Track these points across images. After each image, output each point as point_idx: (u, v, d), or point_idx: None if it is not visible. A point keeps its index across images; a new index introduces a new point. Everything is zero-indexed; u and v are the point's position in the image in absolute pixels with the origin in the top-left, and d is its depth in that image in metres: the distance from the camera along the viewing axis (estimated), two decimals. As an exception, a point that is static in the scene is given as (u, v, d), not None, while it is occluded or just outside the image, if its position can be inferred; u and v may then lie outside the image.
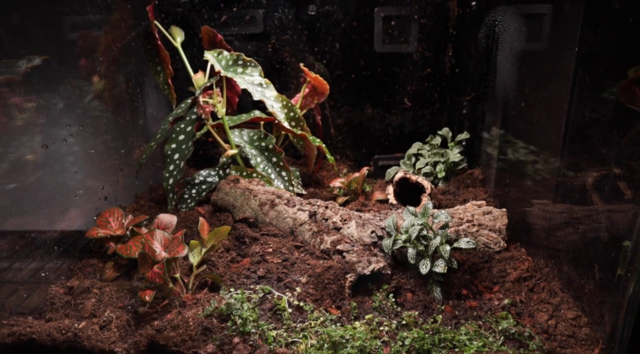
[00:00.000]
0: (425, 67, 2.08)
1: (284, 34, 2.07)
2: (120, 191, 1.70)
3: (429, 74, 2.09)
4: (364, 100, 2.16)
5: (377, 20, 2.03)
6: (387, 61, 2.09)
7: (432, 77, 2.09)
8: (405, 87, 2.12)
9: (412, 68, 2.09)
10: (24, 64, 1.53)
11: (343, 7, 2.04)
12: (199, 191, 1.72)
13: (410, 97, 2.14)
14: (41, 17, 1.52)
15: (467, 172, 1.88)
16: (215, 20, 2.03)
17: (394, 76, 2.12)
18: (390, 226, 1.38)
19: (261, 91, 1.57)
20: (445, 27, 1.99)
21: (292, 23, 2.07)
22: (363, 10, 2.02)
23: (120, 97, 1.85)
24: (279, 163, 1.66)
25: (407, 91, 2.13)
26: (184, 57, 1.78)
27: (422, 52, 2.05)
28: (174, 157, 1.65)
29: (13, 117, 1.50)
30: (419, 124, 2.19)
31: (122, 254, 1.27)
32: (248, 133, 1.74)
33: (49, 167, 1.54)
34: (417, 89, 2.12)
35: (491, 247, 1.44)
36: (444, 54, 2.04)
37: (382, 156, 2.20)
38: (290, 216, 1.44)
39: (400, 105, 2.16)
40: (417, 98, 2.13)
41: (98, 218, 1.41)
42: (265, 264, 1.30)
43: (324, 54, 2.10)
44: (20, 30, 1.43)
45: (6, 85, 1.47)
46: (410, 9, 2.01)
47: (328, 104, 2.13)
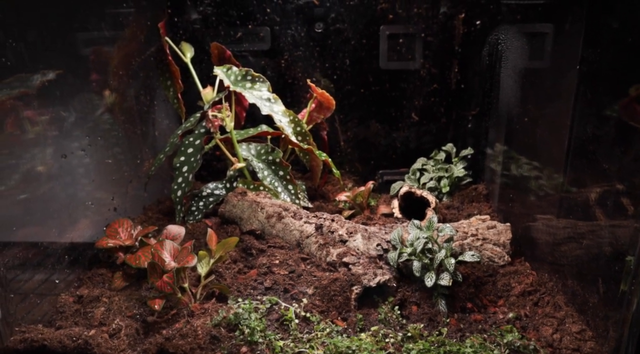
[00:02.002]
0: (430, 84, 2.12)
1: (292, 51, 2.12)
2: (129, 203, 1.73)
3: (433, 90, 2.12)
4: (369, 116, 2.19)
5: (382, 38, 2.07)
6: (392, 78, 2.12)
7: (437, 94, 2.12)
8: (410, 103, 2.15)
9: (416, 85, 2.13)
10: (39, 78, 1.57)
11: (349, 25, 2.09)
12: (206, 203, 1.74)
13: (415, 113, 2.17)
14: (55, 32, 1.56)
15: (471, 187, 1.90)
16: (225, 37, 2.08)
17: (399, 93, 2.15)
18: (396, 239, 1.39)
19: (269, 106, 1.61)
20: (449, 45, 2.03)
21: (300, 40, 2.11)
22: (369, 28, 2.07)
23: (131, 111, 1.88)
24: (286, 176, 1.69)
25: (411, 107, 2.16)
26: (193, 72, 1.82)
27: (427, 69, 2.09)
28: (183, 170, 1.68)
29: (26, 130, 1.53)
30: (423, 140, 2.22)
31: (131, 264, 1.29)
32: (255, 147, 1.77)
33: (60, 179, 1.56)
34: (421, 105, 2.15)
35: (495, 262, 1.45)
36: (448, 71, 2.08)
37: (387, 170, 2.23)
38: (297, 229, 1.46)
39: (405, 121, 2.19)
40: (422, 114, 2.16)
41: (107, 229, 1.44)
42: (272, 276, 1.32)
43: (330, 71, 2.14)
44: (35, 45, 1.46)
45: (20, 99, 1.49)
46: (415, 27, 2.06)
47: (338, 118, 2.16)
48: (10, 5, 1.32)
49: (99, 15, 1.73)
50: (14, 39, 1.39)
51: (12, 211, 1.34)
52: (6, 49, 1.40)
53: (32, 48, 1.43)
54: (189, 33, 2.09)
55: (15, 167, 1.42)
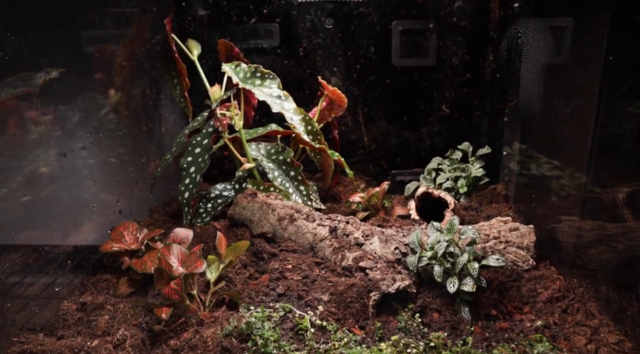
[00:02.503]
0: (444, 81, 2.05)
1: (301, 48, 2.06)
2: (134, 205, 1.66)
3: (447, 87, 2.05)
4: (381, 114, 2.13)
5: (395, 33, 2.00)
6: (405, 75, 2.06)
7: (451, 91, 2.06)
8: (423, 101, 2.09)
9: (430, 82, 2.06)
10: (42, 76, 1.52)
11: (360, 21, 2.02)
12: (215, 205, 1.68)
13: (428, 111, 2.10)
14: (58, 30, 1.51)
15: (490, 187, 1.83)
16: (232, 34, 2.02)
17: (412, 90, 2.08)
18: (415, 242, 1.32)
19: (280, 103, 1.54)
20: (464, 40, 1.96)
21: (309, 37, 2.05)
22: (381, 23, 2.00)
23: (136, 110, 1.83)
24: (297, 177, 1.62)
25: (425, 105, 2.09)
26: (200, 70, 1.76)
27: (441, 66, 2.02)
28: (190, 171, 1.62)
29: (29, 130, 1.48)
30: (436, 139, 2.15)
31: (137, 269, 1.22)
32: (265, 146, 1.71)
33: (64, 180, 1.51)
34: (435, 103, 2.09)
35: (519, 266, 1.38)
36: (463, 68, 2.01)
37: (400, 171, 2.16)
38: (310, 232, 1.39)
39: (417, 119, 2.12)
40: (436, 112, 2.09)
41: (112, 232, 1.38)
42: (284, 281, 1.25)
43: (340, 68, 2.07)
44: (38, 43, 1.42)
45: (23, 99, 1.45)
46: (429, 23, 1.99)
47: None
48: (11, 2, 1.27)
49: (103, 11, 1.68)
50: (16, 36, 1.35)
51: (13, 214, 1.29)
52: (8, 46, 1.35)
53: (34, 45, 1.38)
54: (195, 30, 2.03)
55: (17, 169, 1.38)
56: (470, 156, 1.93)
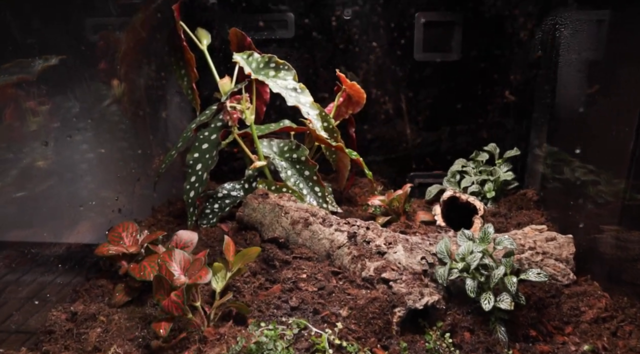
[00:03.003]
0: (469, 78, 1.91)
1: (317, 40, 1.93)
2: (136, 203, 1.54)
3: (472, 84, 1.92)
4: (400, 112, 2.00)
5: (417, 26, 1.87)
6: (427, 70, 1.93)
7: (476, 88, 1.92)
8: (444, 98, 1.95)
9: (454, 78, 1.92)
10: (40, 63, 1.41)
11: (381, 12, 1.90)
12: (222, 205, 1.55)
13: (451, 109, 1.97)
14: (59, 14, 1.41)
15: (519, 192, 1.69)
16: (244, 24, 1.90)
17: (434, 87, 1.95)
18: (443, 252, 1.19)
19: (295, 96, 1.41)
20: (493, 33, 1.82)
21: (326, 28, 1.92)
22: (403, 15, 1.87)
23: (140, 102, 1.71)
24: (312, 177, 1.49)
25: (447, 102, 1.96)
26: (209, 60, 1.64)
27: (466, 61, 1.88)
28: (196, 168, 1.49)
29: (25, 120, 1.38)
30: (458, 140, 2.02)
31: (135, 275, 1.10)
32: (278, 144, 1.58)
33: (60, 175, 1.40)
34: (458, 101, 1.95)
35: (559, 280, 1.24)
36: (491, 64, 1.87)
37: (419, 173, 2.03)
38: (327, 237, 1.26)
39: (438, 118, 1.99)
40: (458, 111, 1.96)
41: (110, 233, 1.25)
42: (298, 293, 1.12)
43: (358, 62, 1.95)
44: (37, 28, 1.32)
45: (19, 86, 1.35)
46: (454, 14, 1.85)
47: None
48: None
49: None
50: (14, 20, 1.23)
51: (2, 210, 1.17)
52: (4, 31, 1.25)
53: (33, 31, 1.27)
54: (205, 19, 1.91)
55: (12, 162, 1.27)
56: (497, 158, 1.79)
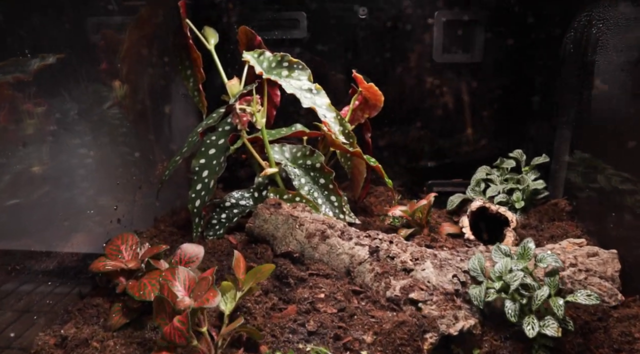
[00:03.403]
0: (491, 80, 1.80)
1: (330, 40, 1.82)
2: (137, 213, 1.43)
3: (494, 87, 1.80)
4: (417, 117, 1.88)
5: (437, 25, 1.76)
6: (447, 73, 1.82)
7: (499, 91, 1.81)
8: (465, 102, 1.84)
9: (476, 81, 1.81)
10: (37, 62, 1.32)
11: (399, 11, 1.79)
12: (230, 216, 1.44)
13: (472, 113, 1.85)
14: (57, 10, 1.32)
15: (550, 202, 1.56)
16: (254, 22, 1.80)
17: (454, 90, 1.84)
18: (477, 269, 1.07)
19: (311, 98, 1.30)
20: (519, 33, 1.71)
21: (340, 27, 1.82)
22: (421, 14, 1.77)
23: (143, 104, 1.60)
24: (328, 186, 1.37)
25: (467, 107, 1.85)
26: (217, 61, 1.54)
27: (489, 62, 1.77)
28: (203, 175, 1.38)
29: (20, 123, 1.29)
30: (479, 145, 1.90)
31: (134, 295, 0.98)
32: (290, 149, 1.47)
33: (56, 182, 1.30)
34: (480, 105, 1.84)
35: (605, 301, 1.11)
36: (516, 65, 1.76)
37: (438, 181, 1.91)
38: (346, 252, 1.14)
39: (458, 123, 1.87)
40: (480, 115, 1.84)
41: (108, 245, 1.14)
42: (316, 315, 1.00)
43: (374, 63, 1.84)
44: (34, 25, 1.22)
45: (14, 87, 1.25)
46: (476, 12, 1.75)
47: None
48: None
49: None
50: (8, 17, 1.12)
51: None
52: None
53: (29, 28, 1.18)
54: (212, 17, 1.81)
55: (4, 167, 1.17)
56: (523, 166, 1.67)
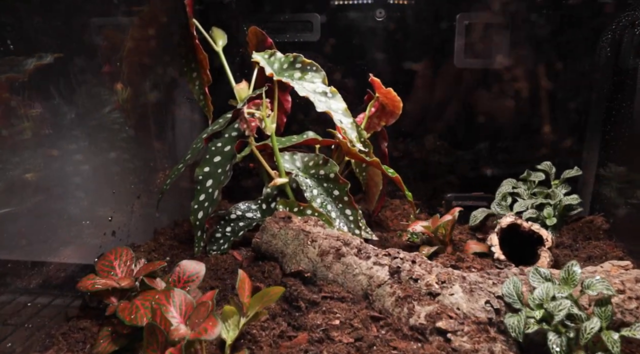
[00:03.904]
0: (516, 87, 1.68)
1: (345, 43, 1.72)
2: (134, 225, 1.32)
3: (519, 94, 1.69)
4: (435, 125, 1.77)
5: (459, 28, 1.66)
6: (469, 79, 1.70)
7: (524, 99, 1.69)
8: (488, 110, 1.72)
9: (499, 87, 1.70)
10: (33, 62, 1.23)
11: (418, 13, 1.69)
12: (235, 229, 1.32)
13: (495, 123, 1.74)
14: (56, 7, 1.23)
15: (584, 219, 1.43)
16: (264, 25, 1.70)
17: (476, 97, 1.72)
18: (513, 295, 0.94)
19: (325, 102, 1.19)
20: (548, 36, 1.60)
21: (356, 30, 1.72)
22: (443, 16, 1.66)
23: (145, 108, 1.50)
24: (343, 198, 1.26)
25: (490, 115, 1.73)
26: (225, 63, 1.44)
27: (514, 67, 1.66)
28: (207, 184, 1.27)
29: (14, 127, 1.19)
30: (500, 157, 1.78)
31: (124, 318, 0.87)
32: (302, 158, 1.35)
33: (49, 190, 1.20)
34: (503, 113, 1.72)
35: (659, 334, 0.98)
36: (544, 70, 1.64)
37: (457, 194, 1.78)
38: (364, 273, 1.02)
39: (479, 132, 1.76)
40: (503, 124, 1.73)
41: (99, 261, 1.03)
42: (330, 345, 0.88)
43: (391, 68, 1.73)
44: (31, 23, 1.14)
45: (8, 88, 1.16)
46: (501, 15, 1.64)
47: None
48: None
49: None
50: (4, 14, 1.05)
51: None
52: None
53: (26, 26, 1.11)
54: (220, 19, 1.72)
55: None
56: (553, 179, 1.55)
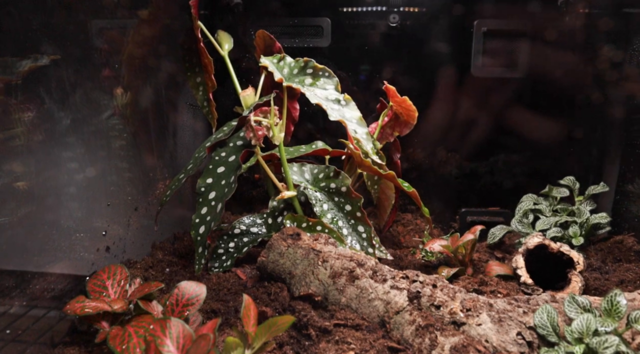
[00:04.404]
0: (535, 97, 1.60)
1: (357, 49, 1.65)
2: (130, 239, 1.23)
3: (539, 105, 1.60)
4: (449, 136, 1.68)
5: (476, 35, 1.58)
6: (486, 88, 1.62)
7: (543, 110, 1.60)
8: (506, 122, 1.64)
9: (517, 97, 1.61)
10: (27, 63, 1.15)
11: (433, 19, 1.61)
12: (239, 245, 1.23)
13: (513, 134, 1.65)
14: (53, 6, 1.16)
15: (612, 239, 1.34)
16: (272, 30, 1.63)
17: (493, 107, 1.64)
18: (547, 326, 0.85)
19: (339, 110, 1.11)
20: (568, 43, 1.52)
21: (367, 36, 1.64)
22: (460, 22, 1.58)
23: (146, 115, 1.42)
24: (355, 213, 1.17)
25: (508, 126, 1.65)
26: (230, 68, 1.36)
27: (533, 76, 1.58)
28: (209, 197, 1.18)
29: (5, 132, 1.12)
30: (517, 170, 1.69)
31: (115, 348, 0.77)
32: (311, 170, 1.27)
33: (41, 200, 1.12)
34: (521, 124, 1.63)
35: None
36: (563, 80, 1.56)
37: (472, 209, 1.69)
38: (380, 297, 0.93)
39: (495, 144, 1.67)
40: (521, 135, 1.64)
41: (91, 280, 0.94)
42: (345, 382, 0.79)
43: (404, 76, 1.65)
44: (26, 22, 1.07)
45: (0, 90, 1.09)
46: (520, 22, 1.56)
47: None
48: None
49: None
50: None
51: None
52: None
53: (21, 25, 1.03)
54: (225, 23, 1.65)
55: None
56: (576, 195, 1.46)
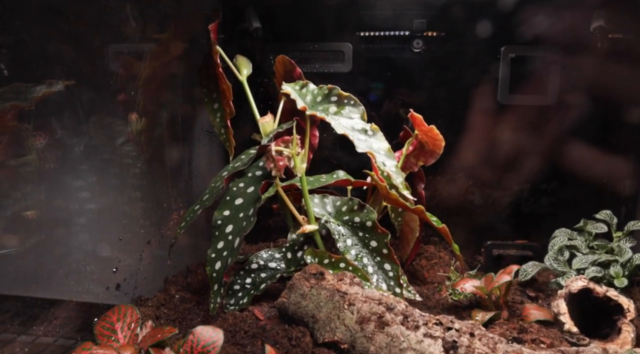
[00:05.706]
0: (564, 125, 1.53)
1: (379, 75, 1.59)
2: (142, 274, 1.17)
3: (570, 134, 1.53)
4: (473, 165, 1.61)
5: (504, 62, 1.52)
6: (513, 116, 1.55)
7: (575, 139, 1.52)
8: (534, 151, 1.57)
9: (546, 126, 1.54)
10: (42, 89, 1.12)
11: (459, 44, 1.56)
12: (257, 281, 1.16)
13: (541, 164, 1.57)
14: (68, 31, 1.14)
15: (657, 280, 1.25)
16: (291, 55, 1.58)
17: (521, 136, 1.57)
18: (603, 386, 0.76)
19: (366, 140, 1.04)
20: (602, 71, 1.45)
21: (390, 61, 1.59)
22: (486, 48, 1.53)
23: (161, 142, 1.37)
24: (381, 250, 1.09)
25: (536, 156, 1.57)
26: (249, 94, 1.31)
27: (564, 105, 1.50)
28: (226, 230, 1.11)
29: (16, 159, 1.08)
30: (544, 201, 1.61)
31: (124, 406, 0.70)
32: (334, 202, 1.20)
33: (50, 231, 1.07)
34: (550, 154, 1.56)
35: None
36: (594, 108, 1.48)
37: (498, 242, 1.60)
38: (413, 347, 0.85)
39: (523, 175, 1.59)
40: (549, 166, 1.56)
41: (99, 322, 0.87)
42: None
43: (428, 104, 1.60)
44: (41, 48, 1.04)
45: (13, 117, 1.06)
46: (550, 48, 1.50)
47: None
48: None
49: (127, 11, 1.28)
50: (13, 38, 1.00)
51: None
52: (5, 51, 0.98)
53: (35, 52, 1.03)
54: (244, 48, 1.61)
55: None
56: (614, 231, 1.37)
